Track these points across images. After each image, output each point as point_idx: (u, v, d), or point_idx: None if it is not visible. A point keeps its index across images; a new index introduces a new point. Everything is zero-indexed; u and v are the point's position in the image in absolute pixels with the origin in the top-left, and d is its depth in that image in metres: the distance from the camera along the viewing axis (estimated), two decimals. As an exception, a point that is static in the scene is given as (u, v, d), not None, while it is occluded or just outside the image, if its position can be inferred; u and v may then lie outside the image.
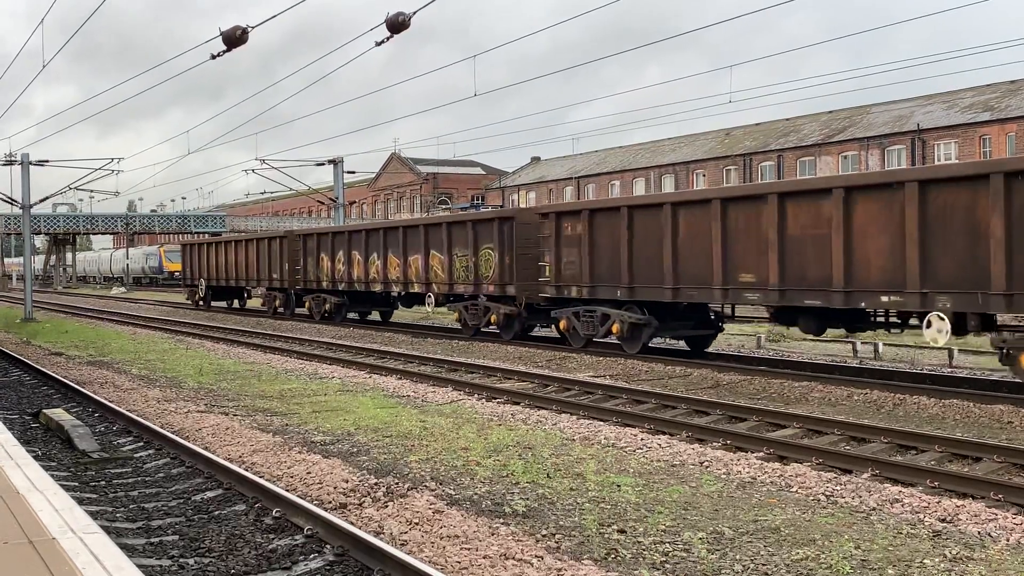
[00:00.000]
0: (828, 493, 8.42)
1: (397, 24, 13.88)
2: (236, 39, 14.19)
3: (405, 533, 7.27)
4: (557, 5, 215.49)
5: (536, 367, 18.86)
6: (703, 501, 8.21)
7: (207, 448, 10.71)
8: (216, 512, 8.28)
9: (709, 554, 6.75)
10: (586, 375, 17.22)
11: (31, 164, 37.14)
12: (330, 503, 8.24)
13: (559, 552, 6.82)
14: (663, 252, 18.02)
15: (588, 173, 78.79)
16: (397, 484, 8.76)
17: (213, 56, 15.38)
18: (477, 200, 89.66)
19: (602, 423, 12.29)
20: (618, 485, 8.70)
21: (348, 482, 8.88)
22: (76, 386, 16.24)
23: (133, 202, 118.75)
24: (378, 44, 15.02)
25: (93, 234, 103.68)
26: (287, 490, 8.53)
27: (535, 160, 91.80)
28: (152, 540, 7.49)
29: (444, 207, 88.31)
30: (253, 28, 14.18)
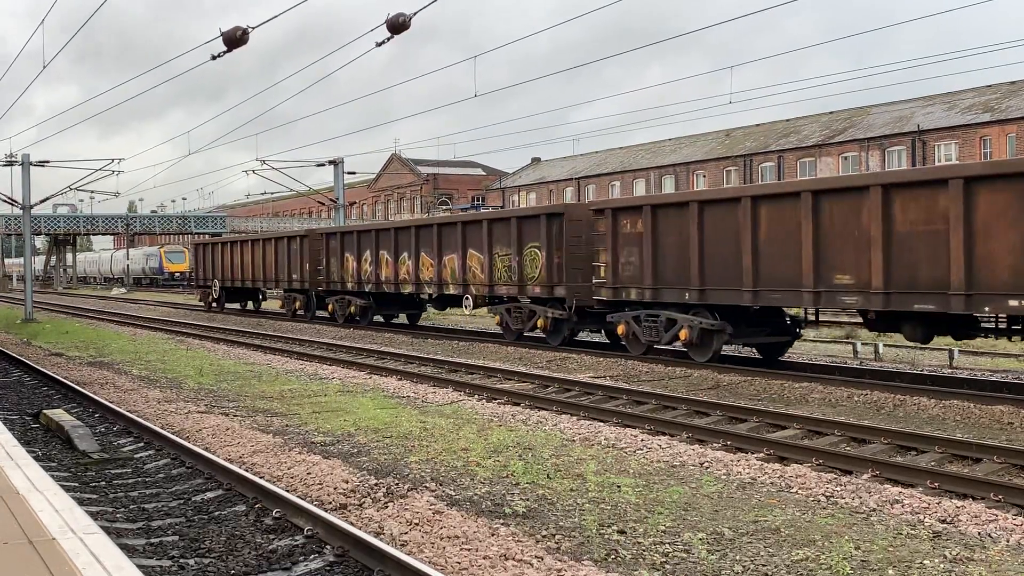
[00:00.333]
0: (828, 494, 8.42)
1: (397, 25, 13.89)
2: (236, 40, 14.20)
3: (405, 534, 7.28)
4: (558, 5, 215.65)
5: (536, 368, 18.86)
6: (703, 502, 8.21)
7: (207, 449, 10.71)
8: (216, 513, 8.28)
9: (709, 555, 6.75)
10: (586, 376, 17.22)
11: (31, 165, 37.15)
12: (330, 504, 8.24)
13: (559, 553, 6.82)
14: (741, 251, 16.50)
15: (588, 174, 78.79)
16: (397, 485, 8.77)
17: (214, 57, 15.39)
18: (477, 201, 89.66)
19: (602, 424, 12.29)
20: (618, 486, 8.70)
21: (348, 483, 8.88)
22: (76, 387, 16.24)
23: (133, 203, 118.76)
24: (378, 45, 15.04)
25: (93, 235, 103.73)
26: (287, 491, 8.53)
27: (535, 161, 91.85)
28: (152, 541, 7.49)
29: (444, 208, 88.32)
30: (253, 29, 14.18)
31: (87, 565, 4.66)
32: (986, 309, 13.39)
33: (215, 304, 40.99)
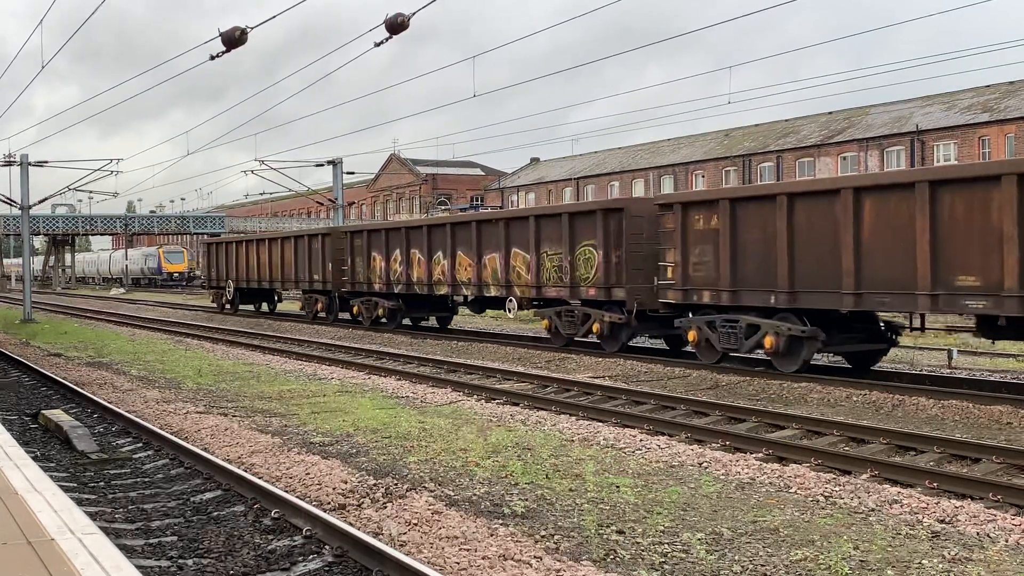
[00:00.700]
0: (827, 494, 8.42)
1: (396, 25, 13.88)
2: (235, 40, 14.19)
3: (404, 534, 7.27)
4: (559, 5, 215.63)
5: (535, 368, 18.86)
6: (702, 502, 8.21)
7: (206, 449, 10.70)
8: (215, 513, 8.27)
9: (708, 555, 6.75)
10: (585, 376, 17.22)
11: (30, 165, 37.14)
12: (329, 504, 8.24)
13: (558, 553, 6.82)
14: (841, 250, 14.87)
15: (587, 174, 78.80)
16: (396, 485, 8.76)
17: (212, 57, 15.37)
18: (476, 201, 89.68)
19: (601, 424, 12.30)
20: (617, 486, 8.70)
21: (347, 483, 8.88)
22: (75, 387, 16.24)
23: (132, 203, 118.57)
24: (377, 45, 15.02)
25: (92, 235, 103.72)
26: (286, 491, 8.53)
27: (534, 161, 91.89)
28: (151, 541, 7.48)
29: (443, 208, 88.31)
30: (252, 29, 14.17)
31: (86, 565, 4.66)
32: None
33: (228, 306, 39.39)
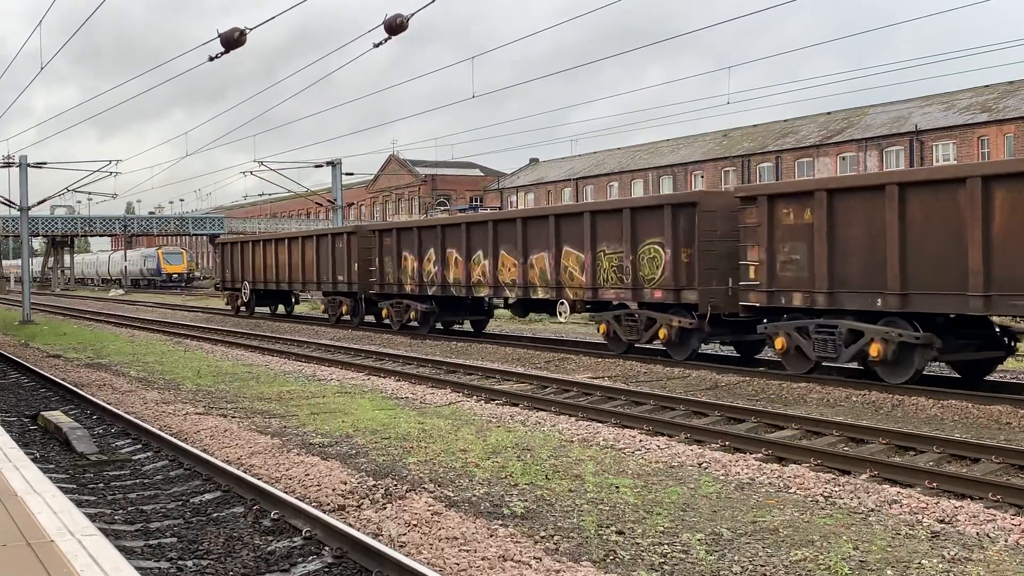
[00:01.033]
0: (827, 494, 8.42)
1: (395, 26, 13.89)
2: (234, 41, 14.19)
3: (404, 535, 7.27)
4: (559, 6, 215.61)
5: (535, 368, 18.86)
6: (701, 502, 8.21)
7: (205, 450, 10.70)
8: (214, 514, 8.27)
9: (708, 555, 6.75)
10: (584, 376, 17.21)
11: (29, 166, 37.14)
12: (328, 505, 8.24)
13: (558, 554, 6.82)
14: (968, 246, 13.30)
15: (586, 175, 78.83)
16: (396, 486, 8.76)
17: (211, 58, 15.38)
18: (476, 202, 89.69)
19: (601, 424, 12.30)
20: (617, 486, 8.70)
21: (346, 484, 8.88)
22: (74, 388, 16.23)
23: (131, 204, 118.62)
24: (376, 46, 15.03)
25: (91, 236, 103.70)
26: (285, 492, 8.52)
27: (533, 162, 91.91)
28: (151, 542, 7.48)
29: (443, 209, 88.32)
30: (251, 30, 14.18)
31: (85, 567, 4.66)
32: None
33: (244, 308, 37.80)
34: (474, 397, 14.94)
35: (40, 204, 40.91)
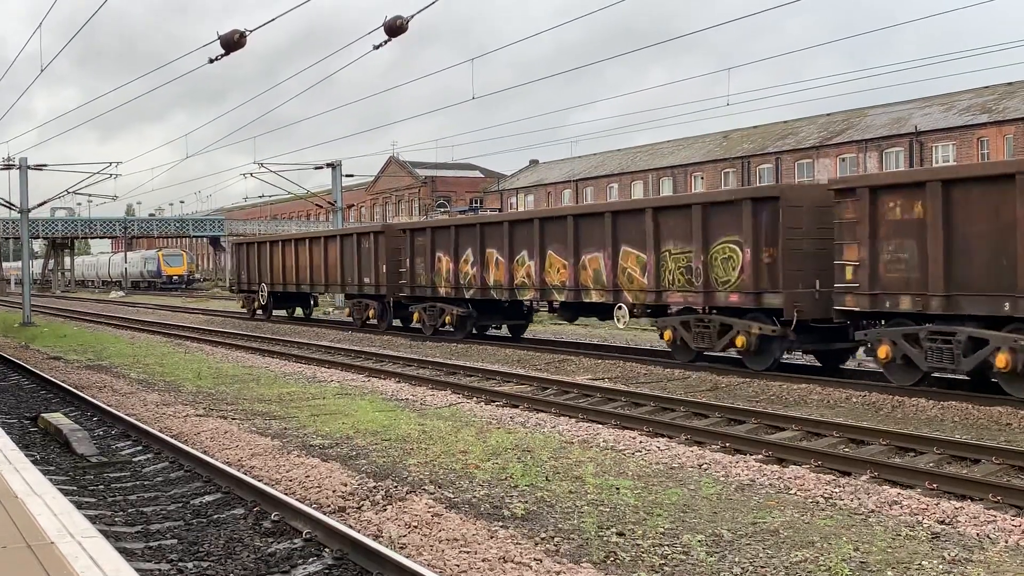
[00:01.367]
0: (827, 495, 8.42)
1: (395, 28, 13.89)
2: (234, 43, 14.19)
3: (404, 536, 7.27)
4: (560, 6, 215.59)
5: (535, 370, 18.86)
6: (702, 503, 8.21)
7: (206, 452, 10.70)
8: (215, 516, 8.27)
9: (708, 556, 6.75)
10: (585, 378, 17.21)
11: (30, 168, 37.15)
12: (329, 506, 8.24)
13: (558, 555, 6.82)
14: None
15: (586, 176, 78.82)
16: (396, 487, 8.76)
17: (211, 60, 15.38)
18: (476, 203, 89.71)
19: (601, 426, 12.30)
20: (617, 488, 8.70)
21: (347, 485, 8.88)
22: (74, 390, 16.23)
23: (131, 206, 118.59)
24: (376, 48, 15.04)
25: (91, 238, 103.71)
26: (286, 493, 8.53)
27: (533, 163, 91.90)
28: (151, 544, 7.48)
29: (443, 210, 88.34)
30: (251, 32, 14.18)
31: (85, 568, 4.66)
32: None
33: (261, 311, 36.21)
34: (474, 398, 14.95)
35: (40, 206, 40.92)
